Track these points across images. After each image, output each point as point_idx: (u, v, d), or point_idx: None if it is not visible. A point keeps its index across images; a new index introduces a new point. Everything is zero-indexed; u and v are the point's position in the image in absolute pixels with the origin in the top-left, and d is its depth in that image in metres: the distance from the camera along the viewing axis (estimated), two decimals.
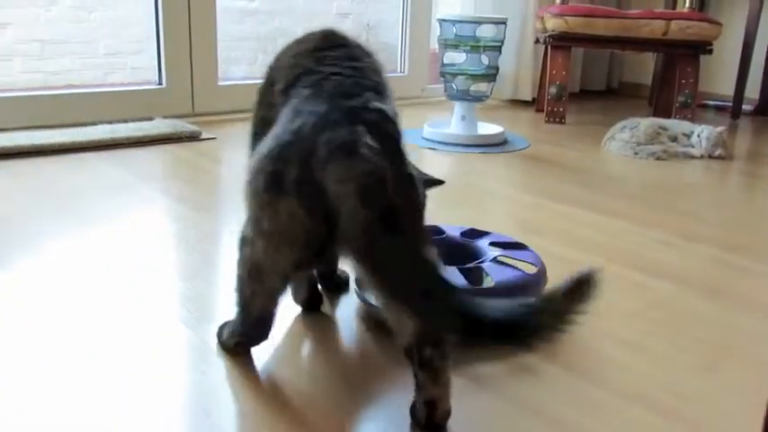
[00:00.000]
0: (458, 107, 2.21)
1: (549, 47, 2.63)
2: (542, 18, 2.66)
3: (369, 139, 0.64)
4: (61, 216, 1.30)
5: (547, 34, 2.61)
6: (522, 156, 2.02)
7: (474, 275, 0.89)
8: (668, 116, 2.58)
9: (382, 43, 3.05)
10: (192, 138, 2.01)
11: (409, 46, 2.91)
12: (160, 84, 2.27)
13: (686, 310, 1.01)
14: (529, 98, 3.03)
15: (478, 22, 2.19)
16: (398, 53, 2.95)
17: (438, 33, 2.24)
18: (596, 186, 1.69)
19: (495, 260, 0.93)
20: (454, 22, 2.19)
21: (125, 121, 2.08)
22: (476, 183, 1.69)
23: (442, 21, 2.23)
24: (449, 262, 0.95)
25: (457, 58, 2.23)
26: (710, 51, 2.65)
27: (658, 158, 2.07)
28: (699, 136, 2.14)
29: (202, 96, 2.33)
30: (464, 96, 2.18)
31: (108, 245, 1.17)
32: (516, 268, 0.91)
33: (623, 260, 1.18)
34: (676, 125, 2.23)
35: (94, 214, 1.32)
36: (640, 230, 1.38)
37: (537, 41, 2.83)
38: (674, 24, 2.55)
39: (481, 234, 1.02)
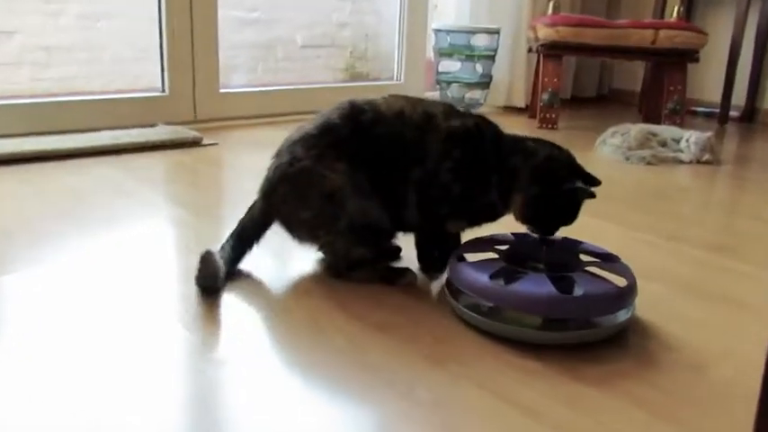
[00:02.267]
0: None
1: (542, 56, 2.62)
2: (534, 28, 2.65)
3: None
4: (64, 220, 1.29)
5: (539, 43, 2.61)
6: None
7: (563, 284, 0.89)
8: (657, 122, 2.58)
9: (380, 52, 3.05)
10: (194, 144, 2.00)
11: (406, 55, 2.90)
12: (163, 91, 2.26)
13: (675, 310, 1.00)
14: (522, 105, 3.03)
15: (472, 31, 2.19)
16: (395, 62, 2.94)
17: (433, 42, 2.24)
18: None
19: (585, 270, 0.93)
20: (449, 31, 2.19)
21: (128, 127, 2.07)
22: None
23: (437, 30, 2.23)
24: (547, 269, 0.97)
25: (452, 66, 2.23)
26: (697, 59, 2.65)
27: (648, 163, 2.06)
28: (687, 141, 2.13)
29: (204, 103, 2.32)
30: (459, 104, 2.18)
31: (109, 248, 1.16)
32: (605, 280, 0.91)
33: None
34: (666, 131, 2.22)
35: (96, 218, 1.31)
36: (631, 233, 1.37)
37: (530, 50, 2.83)
38: (662, 33, 2.55)
39: (574, 243, 1.03)
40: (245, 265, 1.06)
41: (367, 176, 0.99)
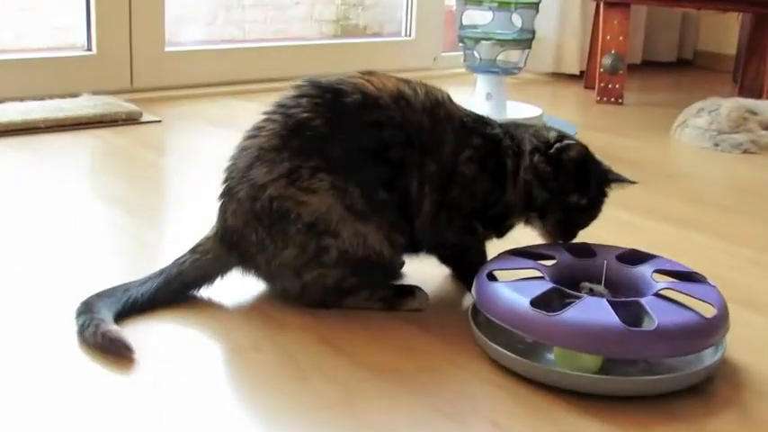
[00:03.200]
0: (481, 82, 2.20)
1: (602, 4, 2.62)
2: None
3: None
4: None
5: None
6: None
7: (629, 312, 0.88)
8: (759, 96, 2.58)
9: None
10: (130, 120, 2.00)
11: (417, 1, 2.91)
12: (89, 49, 2.27)
13: None
14: (575, 71, 3.03)
15: None
16: (404, 11, 2.95)
17: None
18: (663, 187, 1.68)
19: (658, 294, 0.93)
20: None
21: (43, 98, 2.07)
22: None
23: None
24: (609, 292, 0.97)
25: (480, 17, 2.23)
26: None
27: (746, 151, 2.06)
28: None
29: (144, 66, 2.32)
30: (490, 68, 2.18)
31: (14, 258, 1.16)
32: (687, 307, 0.91)
33: None
34: None
35: None
36: (722, 246, 1.37)
37: None
38: None
39: (644, 258, 1.03)
40: (200, 290, 1.06)
41: (363, 187, 0.99)
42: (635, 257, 1.04)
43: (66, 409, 0.80)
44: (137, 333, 0.94)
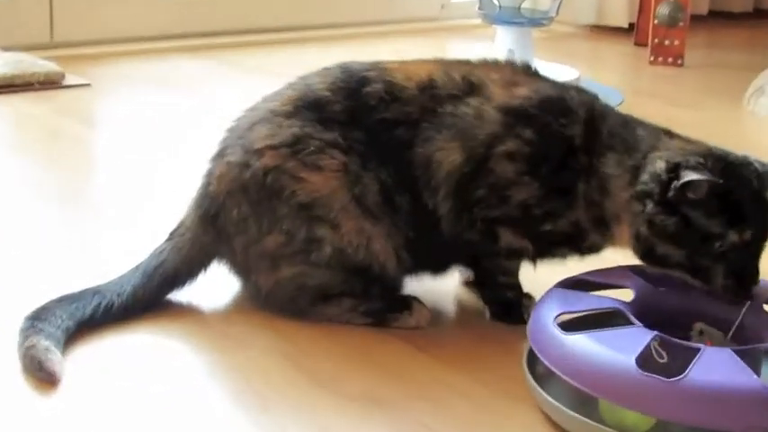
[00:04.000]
0: (501, 36, 2.21)
1: None
2: None
3: None
4: None
5: None
6: None
7: (681, 358, 0.85)
8: None
9: None
10: (50, 84, 2.00)
11: None
12: None
13: None
14: (624, 24, 3.04)
15: None
16: None
17: None
18: None
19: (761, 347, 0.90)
20: None
21: None
22: None
23: None
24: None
25: None
26: None
27: None
28: None
29: (67, 15, 2.32)
30: (512, 18, 2.18)
31: None
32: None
33: None
34: None
35: None
36: None
37: None
38: None
39: None
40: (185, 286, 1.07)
41: (382, 183, 1.02)
42: None
43: None
44: (72, 350, 0.95)
